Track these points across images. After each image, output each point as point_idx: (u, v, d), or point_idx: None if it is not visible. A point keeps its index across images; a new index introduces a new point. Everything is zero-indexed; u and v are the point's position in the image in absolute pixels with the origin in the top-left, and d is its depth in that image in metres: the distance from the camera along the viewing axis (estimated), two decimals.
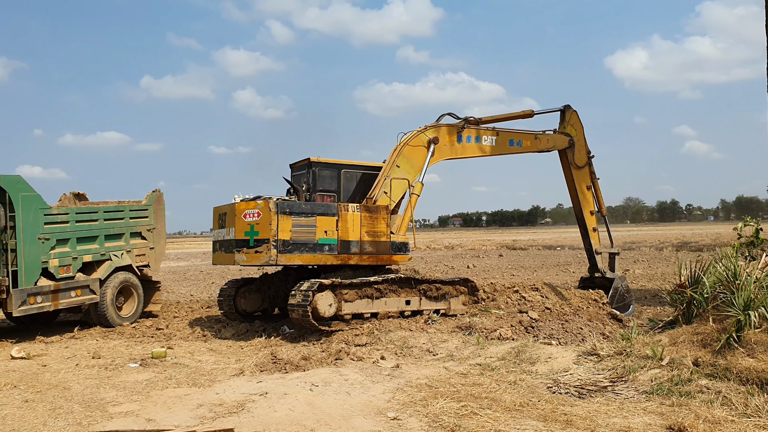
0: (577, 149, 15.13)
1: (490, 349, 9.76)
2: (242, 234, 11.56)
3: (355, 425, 6.55)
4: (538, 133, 14.79)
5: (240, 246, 11.54)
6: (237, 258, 11.56)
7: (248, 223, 11.47)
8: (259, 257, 11.41)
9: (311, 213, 11.73)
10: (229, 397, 7.64)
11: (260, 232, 11.40)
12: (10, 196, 11.72)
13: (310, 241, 11.62)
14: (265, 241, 11.34)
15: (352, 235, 11.97)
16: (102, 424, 6.78)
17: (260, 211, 11.43)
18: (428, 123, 13.64)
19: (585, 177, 15.34)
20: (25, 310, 11.85)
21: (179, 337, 12.35)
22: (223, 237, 12.31)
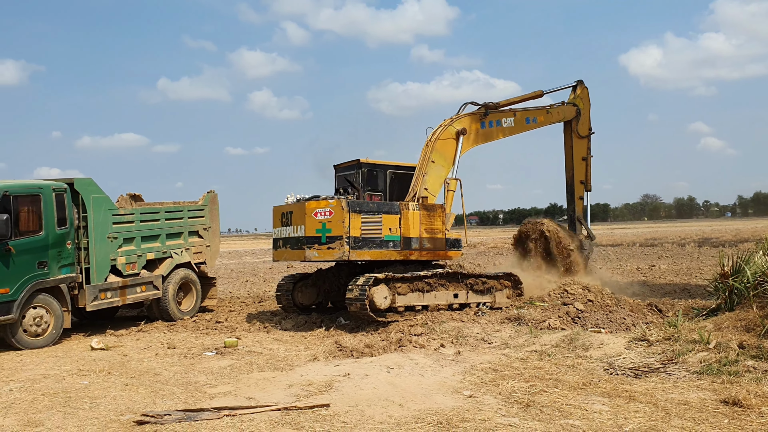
0: (581, 120, 16.67)
1: (542, 337, 10.43)
2: (313, 231, 12.25)
3: (437, 401, 7.25)
4: (549, 108, 16.11)
5: (311, 242, 12.23)
6: (308, 254, 12.25)
7: (320, 221, 12.17)
8: (331, 253, 12.15)
9: (378, 211, 12.50)
10: (316, 378, 8.39)
11: (333, 229, 12.12)
12: (82, 198, 12.50)
13: (377, 237, 12.38)
14: (337, 238, 12.07)
15: (413, 232, 12.78)
16: (207, 402, 7.52)
17: (332, 210, 12.14)
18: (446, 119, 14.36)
19: (583, 148, 16.92)
20: (96, 305, 12.64)
21: (241, 329, 13.09)
22: (288, 234, 12.98)
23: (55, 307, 11.68)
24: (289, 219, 12.97)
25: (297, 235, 12.68)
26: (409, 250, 12.80)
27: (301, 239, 12.49)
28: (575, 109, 16.53)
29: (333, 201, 12.25)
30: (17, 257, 11.03)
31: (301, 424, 6.53)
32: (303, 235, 12.44)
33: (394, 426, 6.44)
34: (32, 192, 11.47)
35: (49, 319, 11.59)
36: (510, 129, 15.16)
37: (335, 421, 6.65)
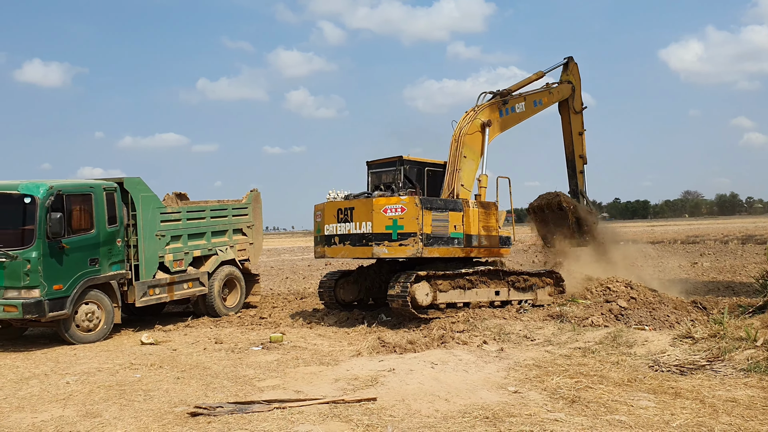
0: (575, 96, 17.22)
1: (586, 334, 10.45)
2: (382, 228, 12.22)
3: (483, 396, 7.34)
4: (550, 88, 16.37)
5: (380, 239, 12.23)
6: (376, 251, 12.26)
7: (390, 217, 12.19)
8: (404, 250, 12.18)
9: (445, 208, 12.63)
10: (361, 373, 8.54)
11: (405, 226, 12.14)
12: (131, 197, 12.83)
13: (444, 235, 12.54)
14: (411, 235, 12.12)
15: (473, 230, 12.99)
16: (256, 395, 7.72)
17: (405, 206, 12.17)
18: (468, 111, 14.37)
19: (578, 123, 17.57)
20: (145, 300, 12.98)
21: (285, 324, 13.31)
22: (348, 231, 12.77)
23: (106, 303, 12.03)
24: (349, 215, 12.83)
25: (361, 231, 12.56)
26: (470, 247, 13.00)
27: (368, 235, 12.40)
28: (570, 87, 17.12)
29: (405, 198, 12.30)
30: (70, 254, 11.38)
31: (349, 417, 6.69)
32: (370, 231, 12.34)
33: (441, 420, 6.56)
34: (84, 191, 11.82)
35: (100, 314, 11.94)
36: (521, 114, 15.37)
37: (382, 414, 6.79)
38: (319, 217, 13.55)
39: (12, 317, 11.01)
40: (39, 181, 11.34)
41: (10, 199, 11.18)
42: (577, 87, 17.45)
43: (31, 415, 7.22)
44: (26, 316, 10.87)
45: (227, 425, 6.57)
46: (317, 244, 13.71)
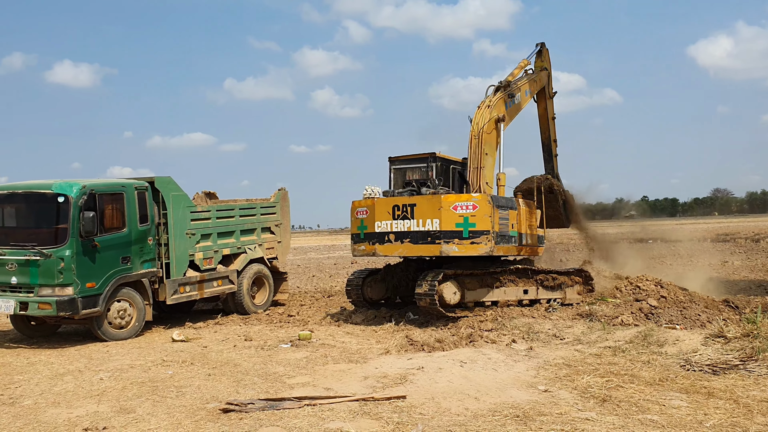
0: (550, 82, 17.28)
1: (616, 333, 10.37)
2: (452, 225, 12.09)
3: (513, 395, 7.33)
4: (533, 76, 16.09)
5: (449, 237, 12.15)
6: (445, 249, 12.09)
7: (460, 215, 12.09)
8: (476, 248, 12.07)
9: (507, 207, 12.69)
10: (390, 371, 8.58)
11: (477, 224, 12.03)
12: (162, 196, 12.99)
13: (506, 233, 12.58)
14: (484, 233, 12.05)
15: (523, 228, 13.10)
16: (287, 392, 7.78)
17: (477, 204, 12.09)
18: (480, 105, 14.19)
19: (551, 109, 17.65)
20: (176, 298, 13.13)
21: (313, 322, 13.39)
22: (407, 228, 12.51)
23: (138, 301, 12.20)
24: (409, 212, 12.55)
25: (425, 228, 12.37)
26: (521, 246, 13.09)
27: (434, 233, 12.23)
28: (547, 73, 17.07)
29: (477, 195, 12.27)
30: (102, 253, 11.56)
31: (379, 415, 6.72)
32: (437, 229, 12.20)
33: (471, 418, 6.57)
34: (116, 190, 12.00)
35: (132, 311, 12.12)
36: (518, 105, 15.11)
37: (412, 412, 6.82)
38: (362, 214, 13.09)
39: (46, 314, 11.22)
40: (72, 180, 11.53)
41: (44, 198, 11.40)
42: (550, 73, 17.45)
43: (67, 411, 7.36)
44: (60, 314, 11.06)
45: (259, 421, 6.64)
46: (360, 242, 13.23)
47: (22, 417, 7.18)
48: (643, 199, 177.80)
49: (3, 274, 11.31)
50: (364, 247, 13.07)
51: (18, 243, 11.35)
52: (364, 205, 13.14)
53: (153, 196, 12.75)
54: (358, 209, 13.24)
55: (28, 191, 11.64)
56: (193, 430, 6.51)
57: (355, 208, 13.31)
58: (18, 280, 11.21)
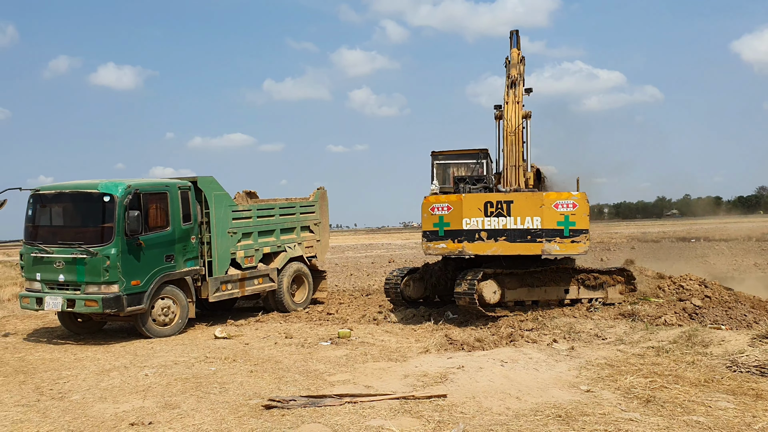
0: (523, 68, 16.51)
1: (659, 333, 10.22)
2: (554, 224, 12.04)
3: (554, 395, 7.28)
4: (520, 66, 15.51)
5: (551, 236, 12.11)
6: (547, 247, 12.06)
7: (561, 213, 12.04)
8: (576, 247, 12.04)
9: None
10: (430, 370, 8.59)
11: (577, 222, 12.02)
12: (205, 195, 13.18)
13: (588, 230, 12.51)
14: (583, 232, 12.04)
15: (588, 225, 12.95)
16: (328, 389, 7.85)
17: (576, 203, 12.06)
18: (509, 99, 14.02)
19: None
20: (218, 296, 13.31)
21: (352, 320, 13.45)
22: (503, 225, 12.31)
23: (181, 298, 12.40)
24: (505, 209, 12.34)
25: (524, 226, 12.25)
26: (588, 242, 13.05)
27: (535, 231, 12.18)
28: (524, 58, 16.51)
29: (577, 194, 12.19)
30: (147, 251, 11.77)
31: (420, 413, 6.74)
32: (539, 227, 12.14)
33: (513, 418, 6.54)
34: (160, 190, 12.21)
35: (175, 309, 12.32)
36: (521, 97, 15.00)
37: (453, 411, 6.82)
38: (441, 210, 12.62)
39: (92, 312, 11.46)
40: (117, 180, 11.76)
41: (90, 197, 11.65)
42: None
43: (113, 406, 7.53)
44: (106, 311, 11.29)
45: (300, 418, 6.71)
46: (438, 239, 12.66)
47: (70, 411, 7.37)
48: (685, 197, 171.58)
49: (51, 272, 11.60)
50: (444, 245, 12.56)
51: (65, 241, 11.63)
52: (445, 201, 12.64)
53: (196, 196, 12.95)
54: (435, 205, 12.68)
55: (75, 191, 11.91)
56: (237, 425, 6.60)
57: (430, 204, 12.70)
58: (65, 278, 11.49)
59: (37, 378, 9.10)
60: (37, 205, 12.12)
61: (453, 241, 12.44)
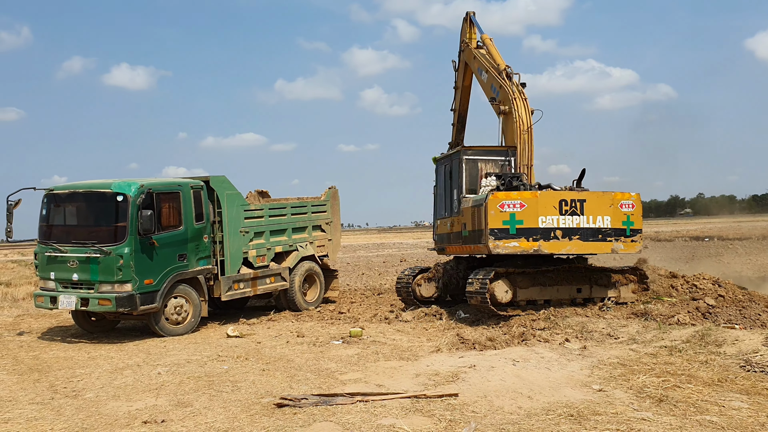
0: None
1: (672, 333, 10.16)
2: (620, 223, 12.25)
3: (566, 394, 7.26)
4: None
5: (618, 235, 12.26)
6: (615, 246, 12.26)
7: (624, 213, 12.26)
8: (634, 246, 12.35)
9: None
10: (442, 369, 8.59)
11: (635, 222, 12.36)
12: (217, 195, 13.24)
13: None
14: (639, 231, 12.37)
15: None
16: (339, 388, 7.86)
17: (634, 203, 12.36)
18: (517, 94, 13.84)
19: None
20: (230, 294, 13.38)
21: (363, 319, 13.48)
22: (577, 224, 12.26)
23: (194, 297, 12.46)
24: (578, 208, 12.29)
25: (595, 225, 12.28)
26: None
27: (605, 231, 12.26)
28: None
29: (635, 195, 12.41)
30: (160, 250, 11.84)
31: (431, 412, 6.74)
32: (609, 226, 12.25)
33: (524, 417, 6.53)
34: (173, 189, 12.27)
35: (188, 308, 12.38)
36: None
37: (465, 410, 6.81)
38: (513, 207, 12.16)
39: (106, 310, 11.54)
40: (130, 180, 11.83)
41: (103, 197, 11.73)
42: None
43: (127, 404, 7.57)
44: (119, 310, 11.37)
45: (312, 416, 6.72)
46: (509, 237, 12.17)
47: (84, 409, 7.42)
48: (699, 197, 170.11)
49: (65, 271, 11.69)
50: (516, 244, 12.12)
51: (79, 241, 11.72)
52: (517, 198, 12.23)
53: (208, 195, 13.01)
54: (506, 202, 12.17)
55: (89, 191, 11.99)
56: (249, 424, 6.63)
57: (499, 201, 12.16)
58: (79, 277, 11.57)
59: (51, 376, 9.18)
60: (51, 205, 12.21)
61: (527, 239, 12.17)
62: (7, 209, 12.17)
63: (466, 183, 13.55)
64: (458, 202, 13.54)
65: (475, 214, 12.56)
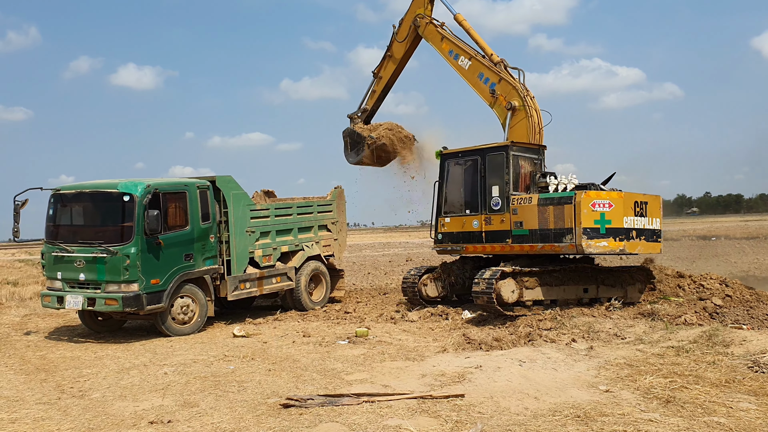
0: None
1: (679, 333, 10.12)
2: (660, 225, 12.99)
3: (573, 395, 7.24)
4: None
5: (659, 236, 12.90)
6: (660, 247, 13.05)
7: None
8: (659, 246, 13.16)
9: None
10: (448, 369, 8.57)
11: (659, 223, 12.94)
12: (223, 194, 13.25)
13: None
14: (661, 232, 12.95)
15: None
16: (345, 388, 7.86)
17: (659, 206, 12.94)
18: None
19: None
20: (237, 294, 13.39)
21: (369, 319, 13.46)
22: (642, 225, 12.58)
23: (200, 297, 12.48)
24: (644, 209, 12.67)
25: (652, 227, 12.82)
26: None
27: (658, 231, 12.92)
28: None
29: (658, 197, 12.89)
30: (166, 250, 11.85)
31: (438, 413, 6.72)
32: (658, 227, 12.92)
33: (531, 418, 6.51)
34: (179, 189, 12.28)
35: (194, 307, 12.39)
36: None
37: (471, 411, 6.80)
38: (603, 207, 12.18)
39: (113, 310, 11.56)
40: (137, 179, 11.85)
41: (110, 197, 11.75)
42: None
43: (133, 404, 7.59)
44: (126, 309, 11.39)
45: (318, 417, 6.72)
46: (601, 237, 12.19)
47: (90, 409, 7.43)
48: (705, 195, 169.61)
49: (71, 271, 11.72)
50: (605, 243, 12.18)
51: (85, 241, 11.75)
52: (606, 197, 12.27)
53: (214, 195, 13.02)
54: (597, 201, 12.17)
55: (95, 190, 12.01)
56: (255, 424, 6.63)
57: (591, 200, 12.09)
58: (86, 277, 11.60)
59: (58, 376, 9.20)
60: (57, 205, 12.24)
61: (614, 239, 12.25)
62: (14, 209, 12.21)
63: (513, 179, 13.13)
64: (504, 198, 13.01)
65: (556, 213, 12.26)
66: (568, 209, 12.04)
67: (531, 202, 12.60)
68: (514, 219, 12.80)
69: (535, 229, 12.49)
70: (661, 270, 14.53)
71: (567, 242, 12.08)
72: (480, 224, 13.39)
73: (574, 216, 11.97)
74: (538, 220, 12.41)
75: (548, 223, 12.32)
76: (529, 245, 12.58)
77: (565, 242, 12.11)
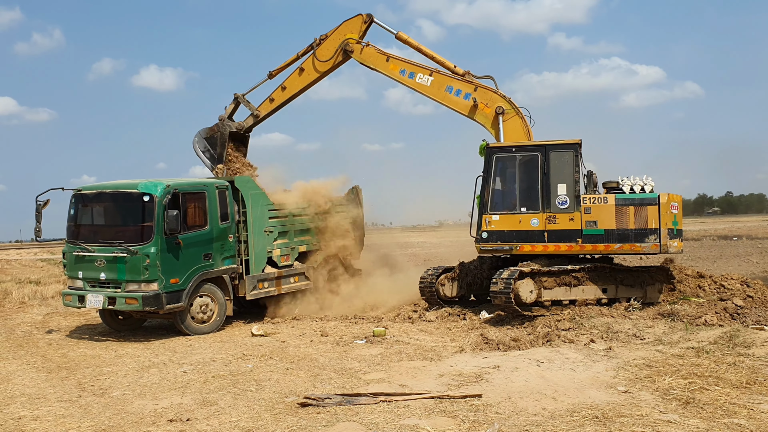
0: None
1: (699, 334, 10.04)
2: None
3: (591, 396, 7.21)
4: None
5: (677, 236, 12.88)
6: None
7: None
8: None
9: None
10: (465, 369, 8.57)
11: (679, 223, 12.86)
12: (242, 194, 13.33)
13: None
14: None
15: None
16: (362, 387, 7.88)
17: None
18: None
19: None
20: (255, 294, 13.46)
21: (387, 319, 13.48)
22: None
23: (219, 296, 12.56)
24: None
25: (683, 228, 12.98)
26: None
27: (681, 231, 12.92)
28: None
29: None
30: (186, 250, 11.95)
31: (455, 413, 6.73)
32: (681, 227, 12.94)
33: (549, 419, 6.49)
34: (198, 189, 12.38)
35: (213, 307, 12.48)
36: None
37: (488, 411, 6.79)
38: (676, 209, 12.55)
39: (133, 309, 11.68)
40: (157, 180, 11.97)
41: (130, 197, 11.87)
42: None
43: (152, 402, 7.66)
44: (146, 308, 11.50)
45: (336, 416, 6.75)
46: (675, 238, 12.47)
47: (111, 407, 7.52)
48: (727, 195, 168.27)
49: (92, 270, 11.85)
50: (677, 244, 12.56)
51: (106, 240, 11.88)
52: (677, 200, 12.67)
53: (233, 195, 13.10)
54: (673, 204, 12.49)
55: (116, 191, 12.14)
56: (273, 423, 6.67)
57: (670, 202, 12.39)
58: (106, 276, 11.73)
59: (79, 374, 9.32)
60: (78, 205, 12.39)
61: (680, 239, 12.74)
62: (36, 209, 12.37)
63: (576, 178, 12.82)
64: (574, 197, 12.65)
65: (637, 213, 12.28)
66: (652, 210, 12.19)
67: (607, 202, 12.48)
68: (586, 218, 12.55)
69: (612, 229, 12.39)
70: (681, 270, 14.39)
71: (650, 242, 12.18)
72: (541, 223, 12.89)
73: (659, 217, 12.14)
74: (616, 220, 12.39)
75: (628, 223, 12.32)
76: (603, 245, 12.45)
77: (648, 242, 12.19)
